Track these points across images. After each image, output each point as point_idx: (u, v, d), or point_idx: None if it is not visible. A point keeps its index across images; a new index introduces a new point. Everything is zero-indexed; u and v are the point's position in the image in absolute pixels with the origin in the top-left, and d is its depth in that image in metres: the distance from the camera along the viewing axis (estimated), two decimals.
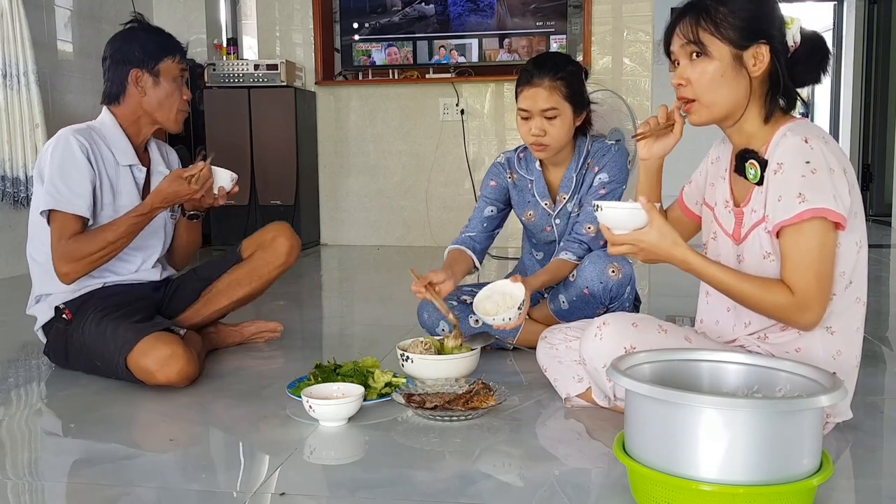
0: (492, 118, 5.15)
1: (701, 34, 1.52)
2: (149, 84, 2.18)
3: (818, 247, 1.44)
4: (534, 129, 2.19)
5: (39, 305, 2.19)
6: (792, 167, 1.45)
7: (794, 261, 1.45)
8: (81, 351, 2.09)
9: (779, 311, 1.47)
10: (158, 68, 2.18)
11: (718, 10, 1.52)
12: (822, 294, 1.45)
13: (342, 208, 5.37)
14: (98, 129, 2.19)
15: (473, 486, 1.43)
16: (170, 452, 1.63)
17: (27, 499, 1.44)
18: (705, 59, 1.52)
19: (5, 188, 3.81)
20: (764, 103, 1.54)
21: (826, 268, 1.45)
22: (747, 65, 1.51)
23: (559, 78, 2.18)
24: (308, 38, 5.25)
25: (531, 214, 2.40)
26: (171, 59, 2.20)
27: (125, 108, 2.21)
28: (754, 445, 1.17)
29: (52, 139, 2.14)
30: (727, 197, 1.64)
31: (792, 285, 1.45)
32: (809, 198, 1.43)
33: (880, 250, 5.08)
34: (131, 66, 2.17)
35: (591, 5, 4.91)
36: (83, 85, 4.47)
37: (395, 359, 2.05)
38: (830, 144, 1.48)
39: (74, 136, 2.10)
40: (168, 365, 1.94)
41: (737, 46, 1.51)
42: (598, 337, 1.57)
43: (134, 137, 2.23)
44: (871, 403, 1.86)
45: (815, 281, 1.44)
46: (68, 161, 2.08)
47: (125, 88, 2.19)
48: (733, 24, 1.51)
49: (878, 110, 7.06)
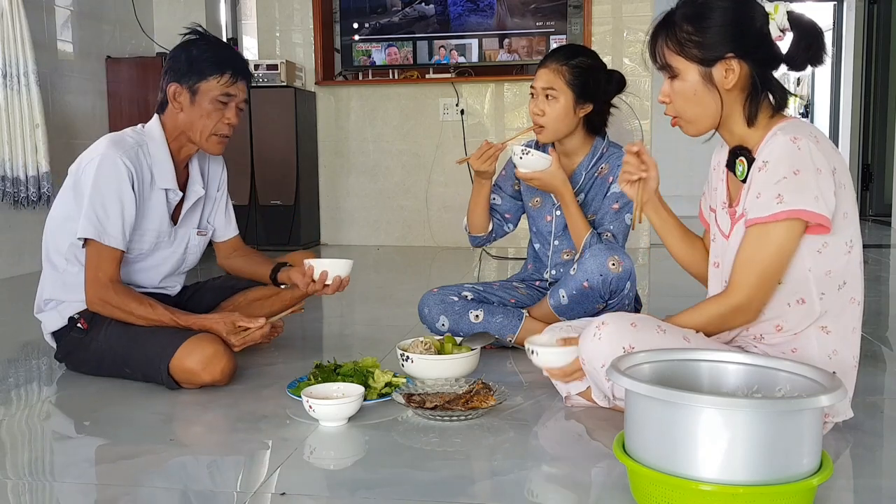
0: (492, 118, 5.14)
1: (668, 57, 1.56)
2: (186, 101, 2.10)
3: (776, 250, 1.47)
4: (535, 107, 2.31)
5: (50, 313, 2.15)
6: (776, 166, 1.46)
7: (747, 255, 1.50)
8: (104, 358, 2.06)
9: (723, 319, 1.56)
10: (198, 86, 2.08)
11: (684, 28, 1.53)
12: (760, 293, 1.51)
13: (342, 208, 5.37)
14: (146, 143, 2.11)
15: (473, 486, 1.43)
16: (170, 452, 1.63)
17: (27, 499, 1.44)
18: (678, 80, 1.56)
19: (5, 188, 3.81)
20: (743, 108, 1.55)
21: (774, 270, 1.49)
22: (717, 80, 1.52)
23: (566, 64, 2.27)
24: (308, 39, 5.25)
25: (538, 200, 2.47)
26: (217, 79, 2.08)
27: (168, 121, 2.14)
28: (754, 445, 1.17)
29: (97, 153, 2.02)
30: (724, 198, 1.66)
31: (733, 280, 1.52)
32: (787, 199, 1.44)
33: (880, 250, 5.08)
34: (174, 78, 2.10)
35: (591, 5, 4.91)
36: (83, 85, 4.47)
37: (395, 359, 2.05)
38: (822, 143, 1.48)
39: (123, 161, 2.00)
40: (212, 364, 1.95)
41: (704, 64, 1.53)
42: (596, 337, 1.57)
43: (176, 153, 2.15)
44: (871, 403, 1.86)
45: (757, 280, 1.49)
46: (114, 189, 2.00)
47: (167, 101, 2.12)
48: (698, 42, 1.52)
49: (878, 110, 7.06)
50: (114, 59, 4.70)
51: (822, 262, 1.50)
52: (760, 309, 1.54)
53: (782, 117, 1.56)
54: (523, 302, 2.43)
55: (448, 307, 2.35)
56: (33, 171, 3.86)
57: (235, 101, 2.13)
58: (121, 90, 4.67)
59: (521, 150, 2.25)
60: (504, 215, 2.50)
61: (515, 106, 5.11)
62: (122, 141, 2.07)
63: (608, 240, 2.28)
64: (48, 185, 3.89)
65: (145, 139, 2.12)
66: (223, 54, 2.13)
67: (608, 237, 2.29)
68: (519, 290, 2.48)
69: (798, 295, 1.53)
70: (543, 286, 2.48)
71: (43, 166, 3.88)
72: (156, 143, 2.12)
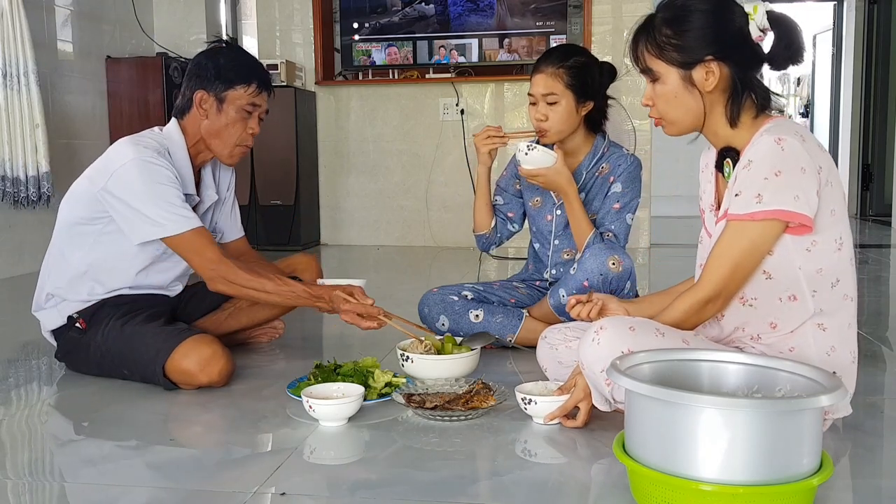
0: (492, 118, 5.14)
1: (648, 60, 1.59)
2: (212, 109, 2.09)
3: (748, 245, 1.49)
4: (537, 113, 2.30)
5: (48, 311, 2.15)
6: (758, 166, 1.47)
7: (720, 250, 1.51)
8: (105, 359, 2.06)
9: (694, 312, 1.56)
10: (226, 94, 2.08)
11: (663, 32, 1.55)
12: (728, 286, 1.52)
13: (342, 208, 5.37)
14: (167, 147, 2.09)
15: (473, 486, 1.44)
16: (170, 452, 1.63)
17: (27, 499, 1.44)
18: (659, 83, 1.58)
19: (5, 188, 3.81)
20: (725, 110, 1.55)
21: (745, 265, 1.50)
22: (698, 82, 1.53)
23: (563, 67, 2.27)
24: (308, 38, 5.25)
25: (538, 200, 2.48)
26: (245, 89, 2.08)
27: (189, 126, 2.12)
28: (754, 445, 1.17)
29: (126, 158, 1.98)
30: (712, 200, 1.66)
31: (703, 273, 1.54)
32: (766, 199, 1.45)
33: (880, 250, 5.08)
34: (200, 85, 2.09)
35: (591, 5, 4.91)
36: (83, 85, 4.47)
37: (395, 359, 2.05)
38: (807, 142, 1.48)
39: (157, 160, 1.99)
40: (210, 365, 1.95)
41: (684, 67, 1.54)
42: (595, 342, 1.57)
43: (194, 158, 2.15)
44: (871, 403, 1.86)
45: (726, 274, 1.51)
46: (165, 181, 1.98)
47: (191, 106, 2.11)
48: (677, 45, 1.54)
49: (878, 110, 7.06)
50: (114, 59, 4.69)
51: (813, 260, 1.51)
52: (726, 304, 1.56)
53: (768, 117, 1.56)
54: (523, 302, 2.43)
55: (448, 307, 2.36)
56: (33, 171, 3.86)
57: (259, 112, 2.14)
58: (121, 90, 4.66)
59: (527, 145, 2.25)
60: (507, 215, 2.50)
61: (515, 106, 5.11)
62: (146, 143, 2.04)
63: (609, 240, 2.28)
64: (48, 185, 3.88)
65: (166, 143, 2.10)
66: (251, 65, 2.14)
67: (609, 237, 2.29)
68: (519, 289, 2.48)
69: (789, 291, 1.53)
70: (543, 286, 2.48)
71: (43, 166, 3.88)
72: (176, 147, 2.11)
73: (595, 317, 1.75)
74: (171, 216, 1.98)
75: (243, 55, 2.17)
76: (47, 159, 3.89)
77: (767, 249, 1.50)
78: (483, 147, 2.34)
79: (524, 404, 1.74)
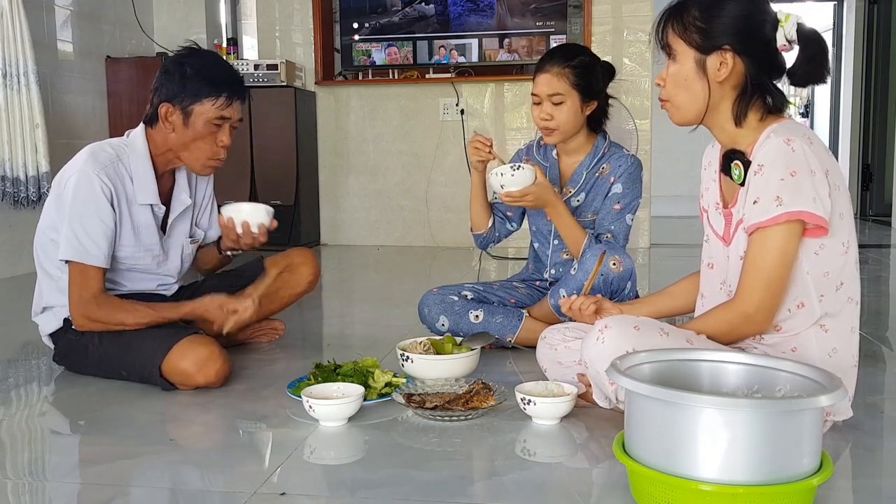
0: (492, 118, 5.14)
1: (670, 37, 1.57)
2: (178, 122, 2.01)
3: (778, 253, 1.47)
4: (542, 113, 2.29)
5: (46, 315, 2.15)
6: (772, 169, 1.46)
7: (751, 263, 1.50)
8: (102, 361, 2.05)
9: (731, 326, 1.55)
10: (192, 108, 2.00)
11: (692, 13, 1.54)
12: (768, 300, 1.50)
13: (342, 208, 5.37)
14: (126, 157, 2.05)
15: (473, 486, 1.44)
16: (170, 452, 1.63)
17: (27, 499, 1.44)
18: (674, 62, 1.57)
19: (5, 188, 3.81)
20: (732, 106, 1.55)
21: (780, 274, 1.48)
22: (710, 70, 1.52)
23: (568, 66, 2.26)
24: (308, 38, 5.25)
25: None
26: (212, 102, 1.99)
27: (156, 136, 2.06)
28: (754, 445, 1.17)
29: (75, 168, 1.99)
30: (717, 199, 1.66)
31: (740, 289, 1.51)
32: (786, 201, 1.44)
33: (880, 250, 5.08)
34: (165, 97, 2.01)
35: (591, 5, 4.91)
36: (83, 85, 4.47)
37: (395, 359, 2.05)
38: (815, 145, 1.48)
39: (99, 178, 1.96)
40: (207, 366, 1.94)
41: (701, 51, 1.53)
42: (599, 340, 1.57)
43: (161, 167, 2.10)
44: (871, 403, 1.86)
45: (764, 287, 1.49)
46: (92, 209, 1.96)
47: (158, 118, 2.04)
48: (701, 28, 1.53)
49: (878, 110, 7.06)
50: (114, 58, 4.70)
51: (820, 264, 1.51)
52: (770, 318, 1.53)
53: (774, 119, 1.56)
54: (523, 302, 2.43)
55: (448, 307, 2.35)
56: (33, 171, 3.86)
57: (230, 123, 2.06)
58: (121, 90, 4.66)
59: (510, 167, 2.14)
60: (506, 214, 2.49)
61: (515, 106, 5.11)
62: (100, 155, 2.02)
63: (608, 240, 2.28)
64: (48, 185, 3.88)
65: (127, 151, 2.06)
66: (218, 74, 2.04)
67: (609, 238, 2.29)
68: (519, 289, 2.48)
69: (798, 300, 1.53)
70: (543, 286, 2.48)
71: (43, 166, 3.88)
72: (137, 155, 2.06)
73: (589, 311, 1.75)
74: (75, 241, 1.96)
75: (212, 63, 2.07)
76: (47, 159, 3.89)
77: (795, 252, 1.48)
78: (471, 156, 2.31)
79: (524, 404, 1.73)
